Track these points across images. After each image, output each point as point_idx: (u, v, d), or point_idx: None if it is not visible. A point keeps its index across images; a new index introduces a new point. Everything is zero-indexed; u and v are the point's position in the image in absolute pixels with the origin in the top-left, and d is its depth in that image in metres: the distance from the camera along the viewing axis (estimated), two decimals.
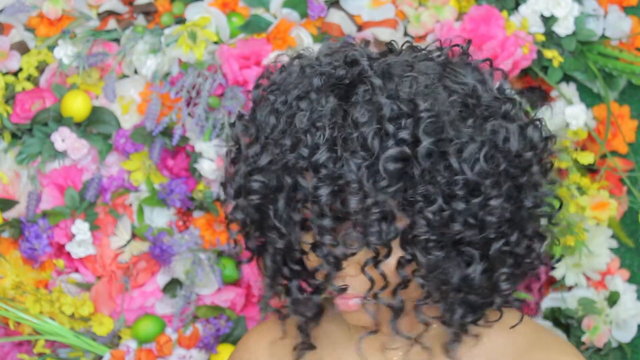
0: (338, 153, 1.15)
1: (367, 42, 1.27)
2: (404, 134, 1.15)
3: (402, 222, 1.17)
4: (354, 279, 1.22)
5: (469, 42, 1.28)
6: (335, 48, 1.25)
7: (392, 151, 1.14)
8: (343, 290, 1.22)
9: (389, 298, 1.22)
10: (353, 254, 1.19)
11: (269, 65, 1.28)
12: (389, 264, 1.20)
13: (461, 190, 1.16)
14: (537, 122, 1.24)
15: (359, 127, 1.15)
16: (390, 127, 1.15)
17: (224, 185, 1.29)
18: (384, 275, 1.20)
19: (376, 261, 1.19)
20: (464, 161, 1.15)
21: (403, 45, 1.28)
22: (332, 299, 1.28)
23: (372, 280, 1.20)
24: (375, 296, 1.21)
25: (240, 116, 1.27)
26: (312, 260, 1.22)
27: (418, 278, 1.20)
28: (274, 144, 1.19)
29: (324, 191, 1.15)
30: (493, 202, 1.18)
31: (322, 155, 1.15)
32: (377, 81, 1.18)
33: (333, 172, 1.15)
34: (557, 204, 1.29)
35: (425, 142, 1.15)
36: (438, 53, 1.26)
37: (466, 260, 1.19)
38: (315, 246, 1.20)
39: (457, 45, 1.26)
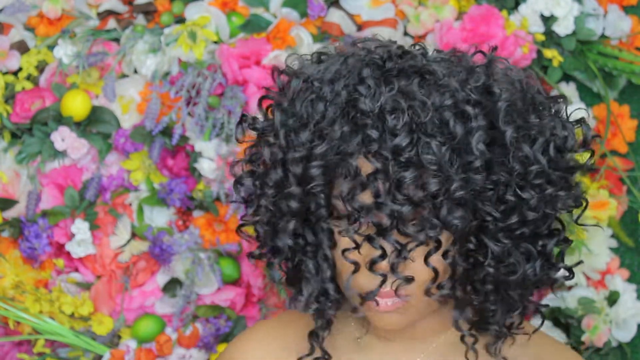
0: (415, 136, 1.12)
1: (400, 46, 1.26)
2: (482, 120, 1.14)
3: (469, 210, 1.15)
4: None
5: (495, 48, 1.27)
6: (369, 43, 1.23)
7: (481, 134, 1.13)
8: (410, 280, 1.17)
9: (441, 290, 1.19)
10: (428, 240, 1.15)
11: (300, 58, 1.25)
12: (449, 255, 1.17)
13: (535, 179, 1.16)
14: (587, 122, 1.25)
15: (437, 110, 1.13)
16: (471, 111, 1.14)
17: (237, 182, 1.25)
18: (454, 265, 1.17)
19: (445, 251, 1.16)
20: (537, 151, 1.16)
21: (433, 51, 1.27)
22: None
23: (435, 271, 1.17)
24: (440, 287, 1.18)
25: (277, 104, 1.22)
26: (364, 255, 1.17)
27: (486, 269, 1.18)
28: (328, 130, 1.16)
29: (408, 174, 1.12)
30: (562, 194, 1.18)
31: (403, 140, 1.12)
32: (441, 69, 1.17)
33: (412, 156, 1.12)
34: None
35: (509, 130, 1.14)
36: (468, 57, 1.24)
37: (525, 257, 1.19)
38: (371, 237, 1.15)
39: (481, 51, 1.25)
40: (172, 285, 1.84)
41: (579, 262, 1.35)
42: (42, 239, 1.81)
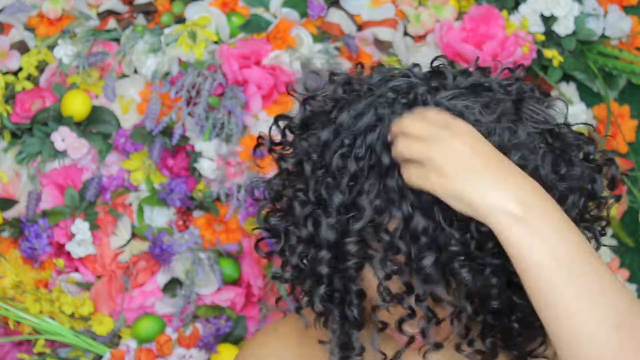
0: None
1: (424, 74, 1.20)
2: None
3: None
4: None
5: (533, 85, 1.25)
6: (393, 77, 1.17)
7: None
8: (440, 346, 1.18)
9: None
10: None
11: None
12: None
13: None
14: (613, 161, 1.21)
15: None
16: None
17: (265, 220, 1.21)
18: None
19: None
20: (566, 211, 1.10)
21: (471, 66, 1.23)
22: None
23: (467, 328, 1.17)
24: (470, 342, 1.18)
25: (306, 153, 1.16)
26: (393, 312, 1.16)
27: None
28: (364, 202, 1.11)
29: (427, 261, 1.10)
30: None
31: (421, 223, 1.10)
32: (473, 116, 1.13)
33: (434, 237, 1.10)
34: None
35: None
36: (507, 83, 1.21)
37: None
38: (400, 297, 1.14)
39: (525, 83, 1.23)
40: (172, 285, 1.84)
41: None
42: (42, 239, 1.81)
